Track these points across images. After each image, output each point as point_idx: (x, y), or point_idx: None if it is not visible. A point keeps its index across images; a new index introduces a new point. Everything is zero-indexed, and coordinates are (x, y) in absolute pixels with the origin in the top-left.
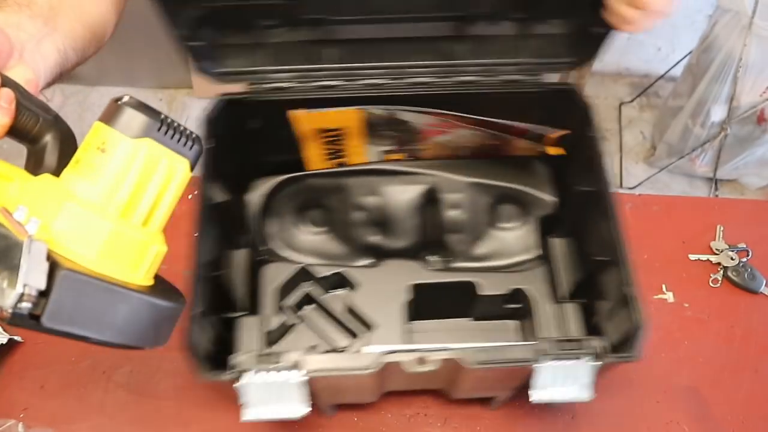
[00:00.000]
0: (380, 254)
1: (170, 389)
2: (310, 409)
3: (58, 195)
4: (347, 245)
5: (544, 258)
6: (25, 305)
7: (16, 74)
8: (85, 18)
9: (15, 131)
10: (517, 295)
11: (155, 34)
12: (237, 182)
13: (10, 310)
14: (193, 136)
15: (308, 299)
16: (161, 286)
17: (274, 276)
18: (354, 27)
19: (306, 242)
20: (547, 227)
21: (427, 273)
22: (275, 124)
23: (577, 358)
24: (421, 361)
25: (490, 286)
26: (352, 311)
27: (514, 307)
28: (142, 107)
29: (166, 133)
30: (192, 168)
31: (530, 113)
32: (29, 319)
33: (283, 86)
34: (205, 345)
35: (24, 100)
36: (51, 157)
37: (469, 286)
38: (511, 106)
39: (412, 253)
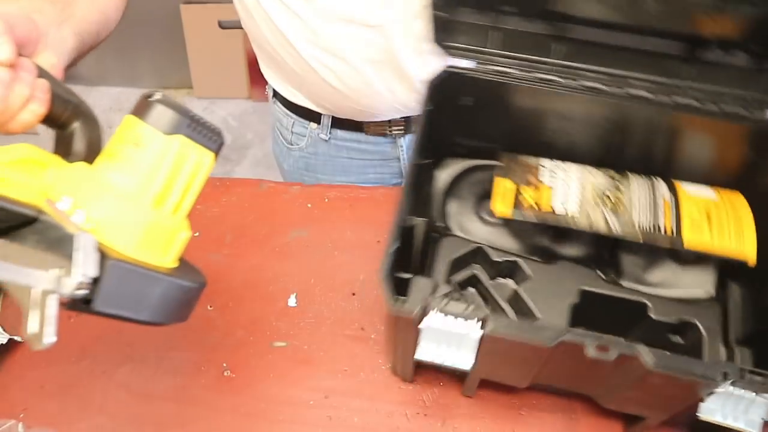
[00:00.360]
0: (549, 257)
1: (170, 389)
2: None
3: (98, 186)
4: (519, 242)
5: (719, 299)
6: (81, 292)
7: (42, 60)
8: (98, 2)
9: (46, 118)
10: (686, 328)
11: (155, 34)
12: (431, 153)
13: (68, 298)
14: (217, 130)
15: (474, 280)
16: (185, 267)
17: (450, 249)
18: (585, 28)
19: (479, 230)
20: (728, 268)
21: (599, 282)
22: (484, 106)
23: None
24: (602, 348)
25: (662, 312)
26: (516, 301)
27: (678, 340)
28: (173, 105)
29: (194, 128)
30: (215, 159)
31: (739, 149)
32: (82, 304)
33: (505, 71)
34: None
35: (56, 88)
36: (80, 143)
37: (640, 307)
38: (720, 137)
39: (582, 263)
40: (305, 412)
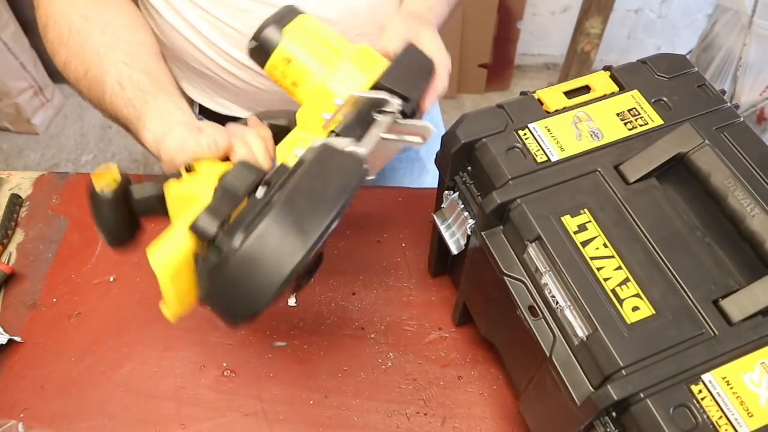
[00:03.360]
0: None
1: (170, 389)
2: None
3: (330, 87)
4: None
5: None
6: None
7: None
8: (148, 49)
9: None
10: None
11: None
12: None
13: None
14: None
15: None
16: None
17: None
18: None
19: None
20: None
21: None
22: None
23: None
24: (533, 312)
25: None
26: None
27: None
28: (263, 29)
29: (283, 21)
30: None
31: None
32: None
33: None
34: None
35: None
36: None
37: None
38: None
39: None
40: (305, 412)
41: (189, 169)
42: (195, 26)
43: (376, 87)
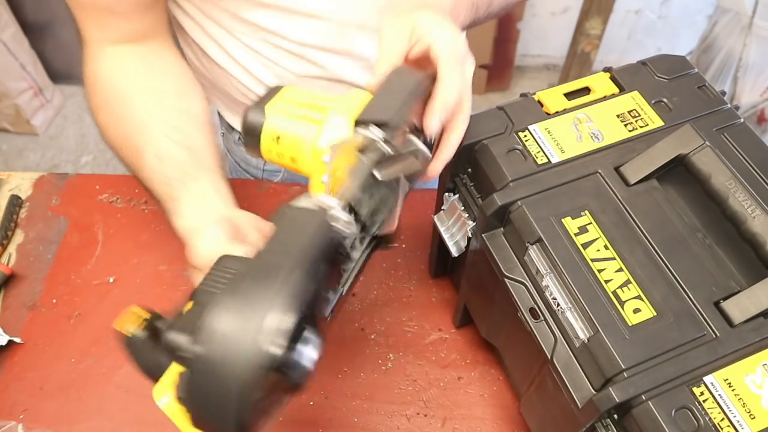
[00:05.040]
0: None
1: None
2: None
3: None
4: None
5: None
6: None
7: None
8: (197, 130)
9: None
10: None
11: None
12: None
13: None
14: None
15: None
16: None
17: None
18: None
19: None
20: None
21: None
22: None
23: None
24: (534, 314)
25: None
26: None
27: None
28: (250, 106)
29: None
30: None
31: None
32: None
33: None
34: None
35: None
36: None
37: None
38: None
39: None
40: (305, 413)
41: None
42: (244, 65)
43: (356, 126)
